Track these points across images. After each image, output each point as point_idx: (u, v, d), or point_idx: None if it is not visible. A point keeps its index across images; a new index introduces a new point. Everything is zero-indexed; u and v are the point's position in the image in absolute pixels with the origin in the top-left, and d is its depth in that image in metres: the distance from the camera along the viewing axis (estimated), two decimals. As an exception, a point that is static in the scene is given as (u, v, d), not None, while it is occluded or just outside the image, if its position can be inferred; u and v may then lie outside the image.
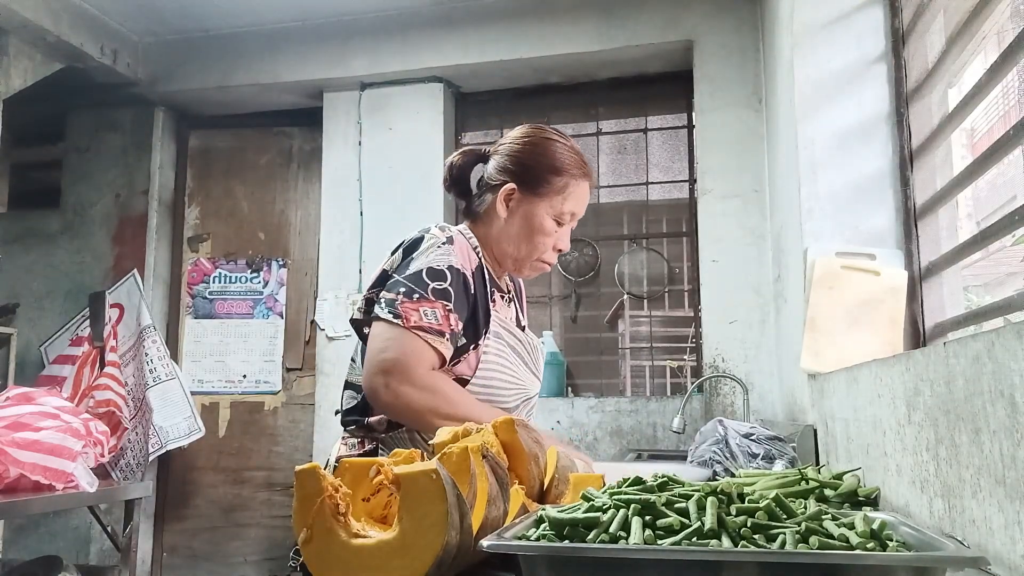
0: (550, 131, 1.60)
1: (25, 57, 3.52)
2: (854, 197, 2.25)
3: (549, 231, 1.55)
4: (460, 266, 1.44)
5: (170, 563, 4.10)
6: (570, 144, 1.59)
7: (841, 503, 1.26)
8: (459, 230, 1.57)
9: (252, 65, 4.00)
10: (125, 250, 4.18)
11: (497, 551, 0.82)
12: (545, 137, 1.58)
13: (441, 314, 1.39)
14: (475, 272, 1.50)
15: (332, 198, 3.91)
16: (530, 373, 1.56)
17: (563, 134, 1.61)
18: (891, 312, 2.04)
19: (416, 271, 1.42)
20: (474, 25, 3.75)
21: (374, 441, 1.47)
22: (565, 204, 1.55)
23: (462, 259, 1.46)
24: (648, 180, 3.89)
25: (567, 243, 1.60)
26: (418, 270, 1.42)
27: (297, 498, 0.95)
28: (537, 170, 1.55)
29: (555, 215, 1.55)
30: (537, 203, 1.54)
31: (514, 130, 1.64)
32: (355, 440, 1.49)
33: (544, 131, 1.60)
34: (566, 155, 1.56)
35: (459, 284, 1.43)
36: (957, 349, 1.00)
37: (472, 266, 1.49)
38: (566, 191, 1.55)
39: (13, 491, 2.39)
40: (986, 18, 1.69)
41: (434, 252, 1.45)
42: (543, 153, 1.56)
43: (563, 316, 3.95)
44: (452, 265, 1.43)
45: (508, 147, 1.59)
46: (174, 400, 3.79)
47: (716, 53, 3.49)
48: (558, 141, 1.58)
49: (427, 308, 1.39)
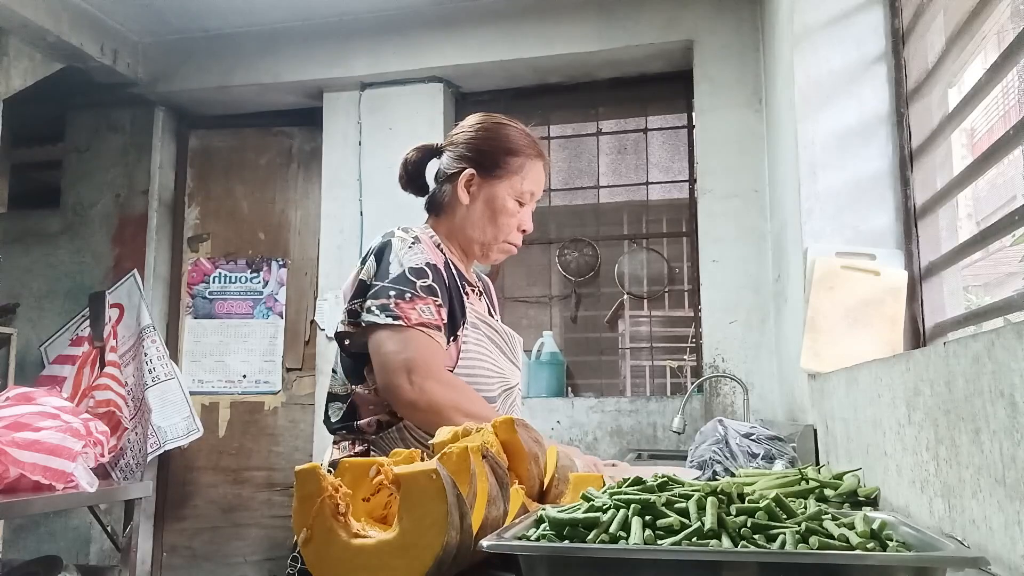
0: (501, 117, 1.66)
1: (25, 57, 3.52)
2: (854, 197, 2.25)
3: (512, 211, 1.59)
4: (435, 262, 1.48)
5: (170, 563, 4.09)
6: (522, 128, 1.64)
7: (841, 503, 1.26)
8: (421, 229, 1.60)
9: (252, 65, 4.00)
10: (125, 250, 4.18)
11: (497, 551, 0.82)
12: (497, 123, 1.64)
13: (434, 309, 1.43)
14: (444, 267, 1.53)
15: (332, 198, 3.91)
16: (509, 363, 1.59)
17: (514, 120, 1.66)
18: (891, 312, 2.04)
19: (399, 273, 1.44)
20: (474, 25, 3.75)
21: (364, 443, 1.48)
22: (524, 184, 1.59)
23: (432, 255, 1.50)
24: (648, 180, 3.89)
25: (530, 223, 1.65)
26: (401, 272, 1.44)
27: (297, 498, 0.95)
28: (493, 153, 1.59)
29: (515, 195, 1.59)
30: (497, 185, 1.58)
31: (466, 120, 1.68)
32: (346, 443, 1.51)
33: (495, 118, 1.66)
34: (520, 137, 1.61)
35: (439, 279, 1.47)
36: (957, 349, 1.00)
37: (440, 262, 1.52)
38: (523, 171, 1.59)
39: (13, 491, 2.39)
40: (986, 18, 1.69)
41: (408, 253, 1.47)
42: (497, 137, 1.61)
43: (563, 316, 3.95)
44: (429, 262, 1.47)
45: (463, 136, 1.63)
46: (173, 400, 3.79)
47: (716, 53, 3.49)
48: (510, 125, 1.63)
49: (422, 305, 1.42)
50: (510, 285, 4.00)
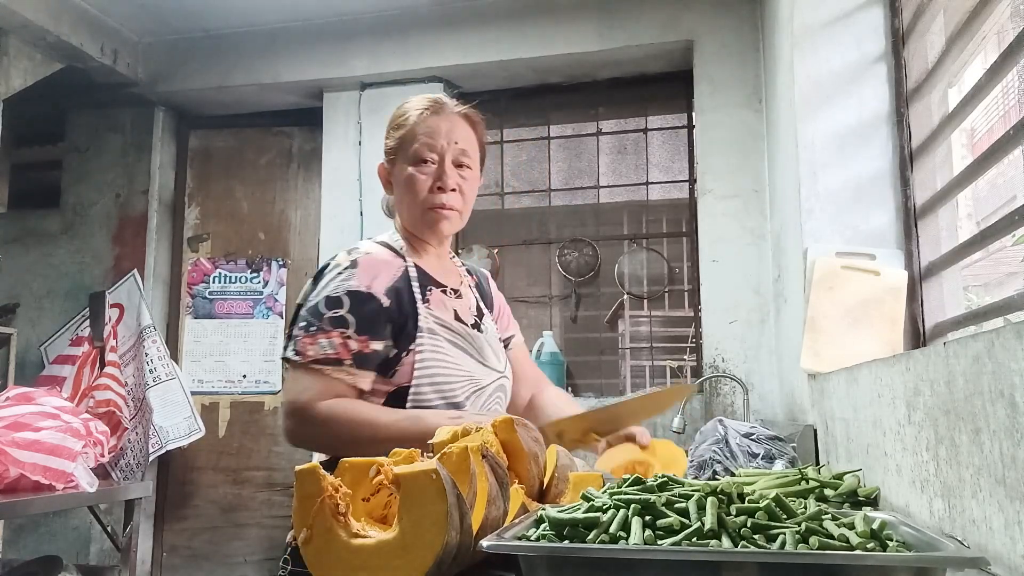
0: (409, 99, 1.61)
1: (25, 57, 3.52)
2: (854, 197, 2.25)
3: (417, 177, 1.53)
4: (364, 287, 1.42)
5: (170, 563, 4.09)
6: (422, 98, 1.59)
7: (841, 503, 1.26)
8: (379, 242, 1.56)
9: (252, 65, 4.00)
10: (125, 250, 4.18)
11: (497, 551, 0.82)
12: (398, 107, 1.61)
13: (338, 342, 1.38)
14: (397, 280, 1.48)
15: (332, 198, 3.91)
16: (477, 363, 1.53)
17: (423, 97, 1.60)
18: (891, 312, 2.04)
19: (315, 303, 1.43)
20: (474, 25, 3.75)
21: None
22: (416, 143, 1.53)
23: (368, 278, 1.44)
24: (648, 180, 3.89)
25: (449, 180, 1.53)
26: (316, 302, 1.42)
27: (297, 498, 0.95)
28: (388, 137, 1.59)
29: (415, 158, 1.53)
30: (398, 163, 1.56)
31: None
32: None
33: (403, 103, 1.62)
34: (408, 108, 1.58)
35: (360, 306, 1.41)
36: (957, 349, 1.00)
37: (391, 276, 1.47)
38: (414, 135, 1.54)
39: (13, 491, 2.39)
40: (986, 18, 1.69)
41: (334, 281, 1.44)
42: (391, 119, 1.60)
43: (563, 316, 3.95)
44: (351, 290, 1.42)
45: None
46: (174, 400, 3.79)
47: (716, 53, 3.49)
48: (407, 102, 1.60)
49: (323, 339, 1.38)
50: (510, 285, 4.00)
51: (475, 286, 1.71)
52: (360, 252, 1.50)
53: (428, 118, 1.54)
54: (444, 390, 1.45)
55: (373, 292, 1.43)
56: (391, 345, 1.43)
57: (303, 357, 1.38)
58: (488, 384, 1.54)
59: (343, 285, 1.42)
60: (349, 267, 1.45)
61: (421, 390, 1.43)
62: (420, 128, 1.54)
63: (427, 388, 1.44)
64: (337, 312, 1.40)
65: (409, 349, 1.44)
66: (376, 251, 1.52)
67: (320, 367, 1.37)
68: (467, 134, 1.58)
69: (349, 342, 1.39)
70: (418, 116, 1.55)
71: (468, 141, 1.57)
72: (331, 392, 1.38)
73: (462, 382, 1.48)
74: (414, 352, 1.44)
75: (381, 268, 1.48)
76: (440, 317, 1.50)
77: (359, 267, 1.45)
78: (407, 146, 1.54)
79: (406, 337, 1.44)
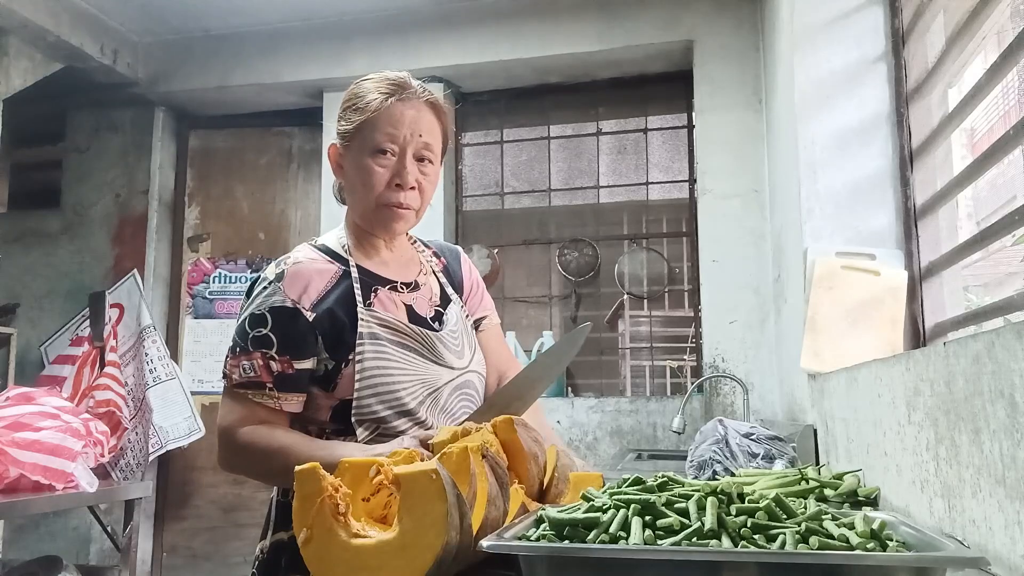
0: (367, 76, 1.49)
1: (25, 57, 3.52)
2: (854, 197, 2.25)
3: (374, 168, 1.40)
4: (290, 302, 1.34)
5: (170, 563, 4.09)
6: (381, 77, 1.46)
7: (841, 503, 1.26)
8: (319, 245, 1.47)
9: (252, 65, 4.00)
10: (125, 250, 4.18)
11: (497, 551, 0.82)
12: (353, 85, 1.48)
13: (259, 364, 1.32)
14: (331, 287, 1.39)
15: (332, 198, 3.90)
16: (430, 363, 1.41)
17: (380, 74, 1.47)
18: (891, 312, 2.04)
19: (240, 324, 1.36)
20: (474, 25, 3.75)
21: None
22: (377, 131, 1.39)
23: (296, 291, 1.35)
24: (648, 180, 3.90)
25: (409, 176, 1.40)
26: (242, 322, 1.36)
27: (297, 498, 0.95)
28: (344, 117, 1.45)
29: (372, 148, 1.40)
30: (353, 149, 1.43)
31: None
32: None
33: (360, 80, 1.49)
34: (369, 89, 1.43)
35: (283, 323, 1.33)
36: (957, 349, 1.00)
37: (324, 284, 1.38)
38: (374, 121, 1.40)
39: (13, 491, 2.39)
40: (986, 18, 1.69)
41: (259, 297, 1.36)
42: (347, 99, 1.45)
43: (563, 316, 3.95)
44: (274, 306, 1.33)
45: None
46: (174, 400, 3.79)
47: (716, 53, 3.49)
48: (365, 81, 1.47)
49: (245, 362, 1.33)
50: (510, 285, 4.00)
51: (442, 270, 1.59)
52: (288, 263, 1.40)
53: (392, 104, 1.40)
54: (388, 399, 1.35)
55: (300, 307, 1.34)
56: (326, 359, 1.35)
57: (228, 381, 1.34)
58: (445, 384, 1.43)
59: (267, 302, 1.34)
60: (274, 280, 1.36)
61: (364, 402, 1.34)
62: (382, 115, 1.39)
63: (370, 399, 1.34)
64: (260, 331, 1.33)
65: (348, 360, 1.34)
66: (307, 259, 1.41)
67: (243, 391, 1.32)
68: (432, 125, 1.44)
69: (271, 363, 1.32)
70: (380, 101, 1.40)
71: (432, 133, 1.43)
72: (254, 418, 1.32)
73: (411, 387, 1.37)
74: (353, 362, 1.34)
75: (311, 278, 1.38)
76: (385, 319, 1.39)
77: (285, 280, 1.36)
78: (366, 133, 1.40)
79: (344, 347, 1.35)
